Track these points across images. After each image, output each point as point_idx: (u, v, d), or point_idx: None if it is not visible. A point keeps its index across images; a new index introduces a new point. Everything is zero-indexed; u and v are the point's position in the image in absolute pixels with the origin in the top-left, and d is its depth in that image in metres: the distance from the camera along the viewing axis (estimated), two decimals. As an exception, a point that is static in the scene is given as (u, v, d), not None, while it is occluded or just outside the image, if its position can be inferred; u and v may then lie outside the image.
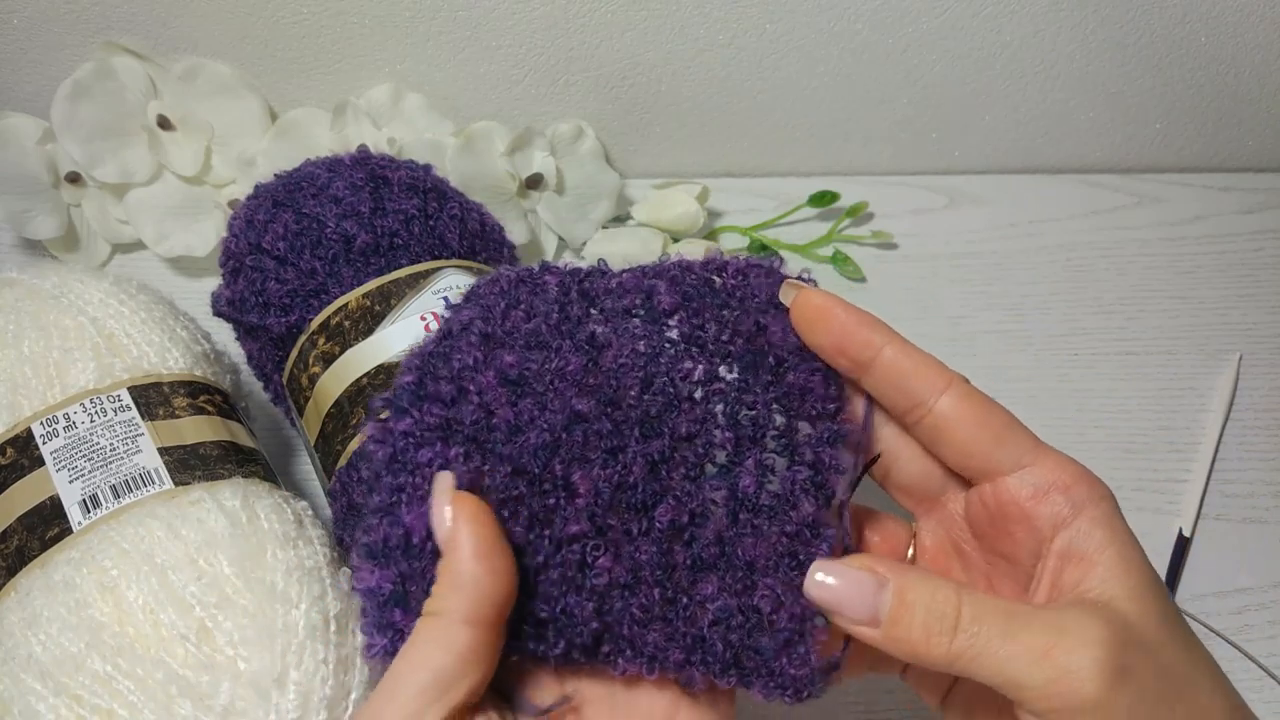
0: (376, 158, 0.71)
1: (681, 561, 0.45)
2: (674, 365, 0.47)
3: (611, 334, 0.48)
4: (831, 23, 0.89)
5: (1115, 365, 0.89)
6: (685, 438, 0.46)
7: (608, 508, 0.45)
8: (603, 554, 0.45)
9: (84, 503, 0.54)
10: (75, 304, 0.61)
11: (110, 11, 0.83)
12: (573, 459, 0.45)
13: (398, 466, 0.45)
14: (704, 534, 0.45)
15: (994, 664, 0.41)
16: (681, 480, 0.46)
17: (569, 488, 0.45)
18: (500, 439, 0.45)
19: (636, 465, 0.45)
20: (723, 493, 0.45)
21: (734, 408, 0.46)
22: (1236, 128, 0.99)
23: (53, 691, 0.48)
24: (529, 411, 0.46)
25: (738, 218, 0.96)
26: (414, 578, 0.43)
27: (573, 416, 0.45)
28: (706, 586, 0.45)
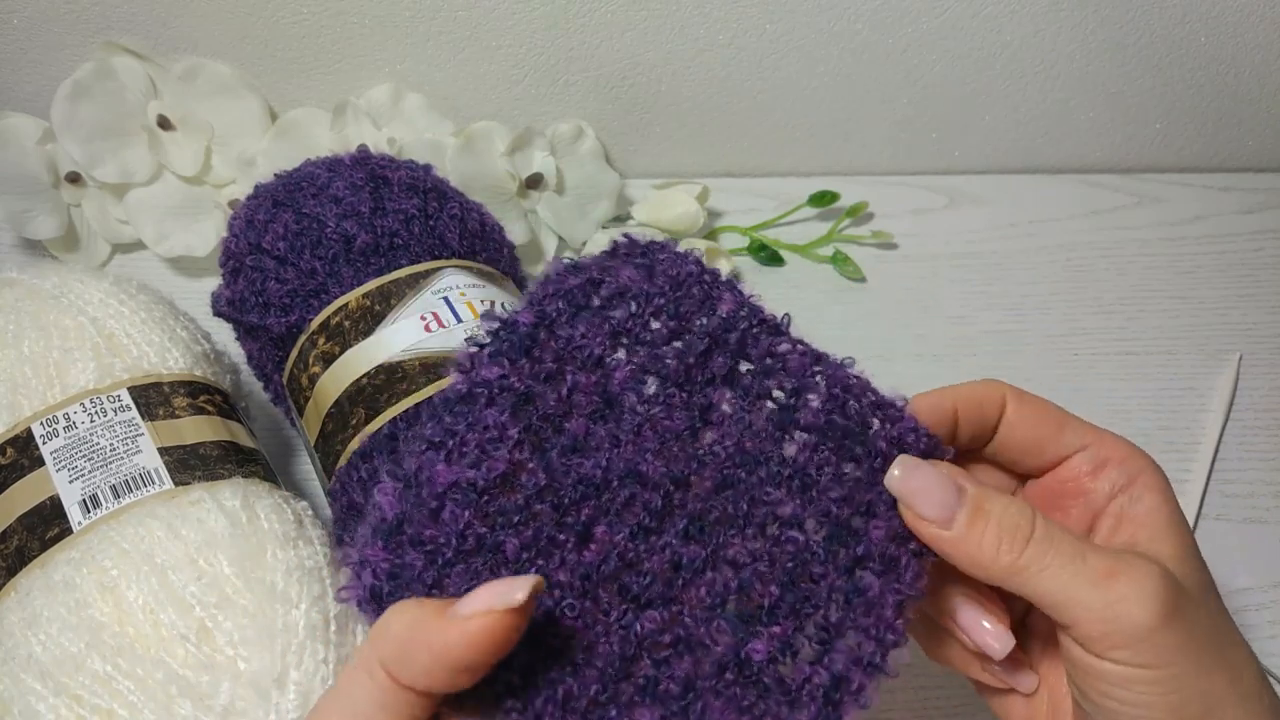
0: (376, 158, 0.71)
1: (637, 679, 0.41)
2: (766, 486, 0.43)
3: (730, 415, 0.44)
4: (831, 23, 0.89)
5: (1115, 365, 0.89)
6: (728, 562, 0.42)
7: (605, 579, 0.41)
8: (572, 616, 0.41)
9: (84, 503, 0.54)
10: (75, 304, 0.61)
11: (110, 11, 0.84)
12: (607, 512, 0.42)
13: (461, 410, 0.43)
14: (678, 667, 0.41)
15: (1057, 581, 0.41)
16: (694, 601, 0.42)
17: (585, 537, 0.42)
18: (557, 447, 0.43)
19: (659, 558, 0.42)
20: (726, 641, 0.41)
21: (797, 570, 0.42)
22: (1236, 128, 1.00)
23: (53, 691, 0.48)
24: (600, 439, 0.43)
25: (738, 218, 0.96)
26: (409, 538, 0.41)
27: (633, 472, 0.43)
28: (641, 716, 0.40)
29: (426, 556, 0.41)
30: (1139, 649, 0.40)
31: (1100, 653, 0.41)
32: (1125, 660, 0.41)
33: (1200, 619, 0.42)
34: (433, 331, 0.62)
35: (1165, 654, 0.40)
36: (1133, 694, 0.41)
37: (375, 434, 0.60)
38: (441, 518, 0.41)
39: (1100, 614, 0.41)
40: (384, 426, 0.60)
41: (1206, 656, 0.41)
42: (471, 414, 0.43)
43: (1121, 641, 0.40)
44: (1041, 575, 0.42)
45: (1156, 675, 0.40)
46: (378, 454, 0.59)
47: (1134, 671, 0.41)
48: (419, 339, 0.62)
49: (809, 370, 0.46)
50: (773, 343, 0.46)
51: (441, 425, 0.43)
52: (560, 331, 0.45)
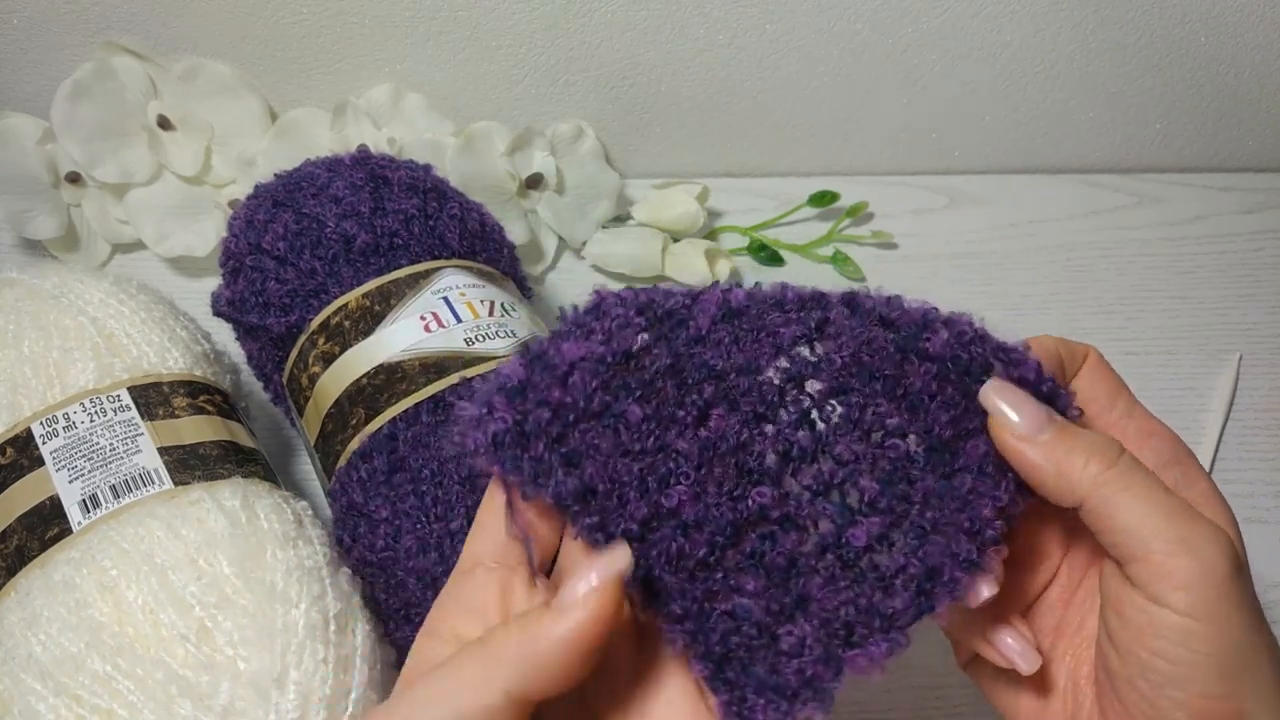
0: (376, 158, 0.71)
1: (744, 548, 0.43)
2: (879, 398, 0.45)
3: (847, 327, 0.47)
4: (831, 23, 0.89)
5: (1115, 365, 0.87)
6: (834, 456, 0.45)
7: (721, 454, 0.44)
8: (686, 484, 0.43)
9: (84, 503, 0.54)
10: (75, 304, 0.61)
11: (110, 11, 0.84)
12: (726, 397, 0.45)
13: (590, 312, 0.46)
14: (783, 541, 0.43)
15: (1137, 505, 0.41)
16: (804, 484, 0.44)
17: (703, 417, 0.44)
18: (682, 338, 0.45)
19: (771, 443, 0.44)
20: (827, 525, 0.44)
21: (896, 473, 0.45)
22: (1236, 128, 1.00)
23: (53, 691, 0.48)
24: (721, 337, 0.46)
25: (738, 218, 0.96)
26: (534, 400, 0.43)
27: (753, 367, 0.45)
28: (746, 583, 0.43)
29: (553, 412, 0.43)
30: (1204, 595, 0.40)
31: (1161, 593, 0.40)
32: (1184, 606, 0.40)
33: (1252, 594, 0.42)
34: (432, 331, 0.62)
35: (1224, 611, 0.40)
36: (1185, 651, 0.40)
37: (375, 434, 0.60)
38: (570, 382, 0.44)
39: (1173, 547, 0.40)
40: (384, 426, 0.60)
41: (1254, 629, 0.41)
42: (598, 312, 0.46)
43: (1187, 581, 0.40)
44: (1124, 495, 0.42)
45: (1212, 633, 0.40)
46: (378, 454, 0.59)
47: (1191, 625, 0.40)
48: (419, 339, 0.62)
49: (932, 314, 0.48)
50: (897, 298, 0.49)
51: (568, 322, 0.46)
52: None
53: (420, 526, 0.56)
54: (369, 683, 0.52)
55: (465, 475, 0.56)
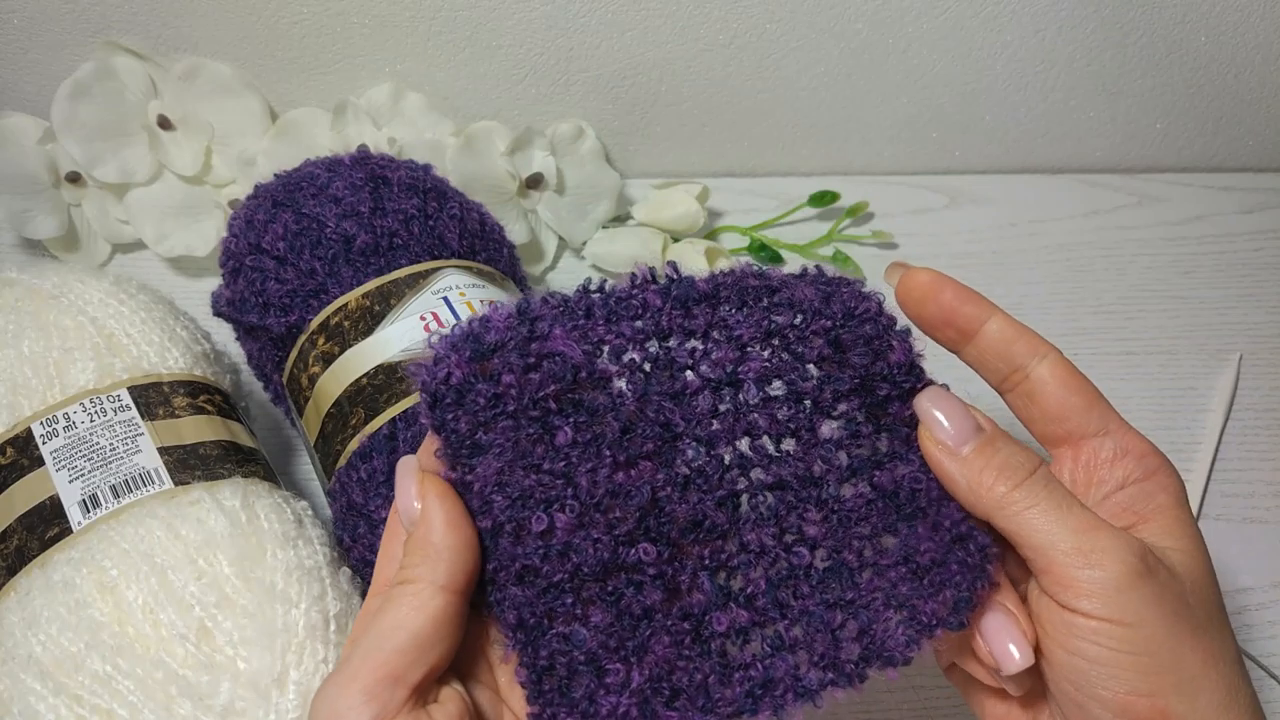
0: (376, 158, 0.71)
1: (606, 586, 0.43)
2: (809, 507, 0.45)
3: (823, 440, 0.46)
4: (832, 22, 0.89)
5: (1115, 365, 0.89)
6: (739, 542, 0.45)
7: (628, 503, 0.43)
8: (568, 515, 0.42)
9: (84, 502, 0.54)
10: (75, 304, 0.61)
11: (110, 11, 0.84)
12: (662, 456, 0.44)
13: (609, 305, 0.45)
14: (648, 594, 0.43)
15: (1039, 522, 0.43)
16: (693, 555, 0.44)
17: (630, 464, 0.43)
18: (661, 387, 0.45)
19: (684, 509, 0.44)
20: (700, 596, 0.44)
21: (787, 581, 0.45)
22: (1236, 128, 1.00)
23: (52, 691, 0.48)
24: (701, 405, 0.45)
25: (738, 218, 0.96)
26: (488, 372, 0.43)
27: (711, 445, 0.45)
28: (593, 615, 0.42)
29: (491, 397, 0.43)
30: (1107, 600, 0.42)
31: (1069, 601, 0.42)
32: (1093, 611, 0.42)
33: (1178, 595, 0.43)
34: (432, 331, 0.62)
35: (1133, 611, 0.42)
36: (1101, 649, 0.42)
37: (375, 434, 0.60)
38: (529, 375, 0.43)
39: (1073, 559, 0.42)
40: (384, 426, 0.60)
41: (1182, 630, 0.42)
42: (614, 315, 0.45)
43: (1090, 590, 0.42)
44: (1027, 513, 0.44)
45: (1124, 632, 0.42)
46: (377, 454, 0.59)
47: (1102, 625, 0.42)
48: (418, 339, 0.62)
49: (916, 445, 0.47)
50: (910, 409, 0.48)
51: (586, 301, 0.45)
52: (723, 310, 0.46)
53: (420, 526, 0.56)
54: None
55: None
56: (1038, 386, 0.49)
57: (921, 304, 0.50)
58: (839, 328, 0.47)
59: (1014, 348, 0.49)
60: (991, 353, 0.49)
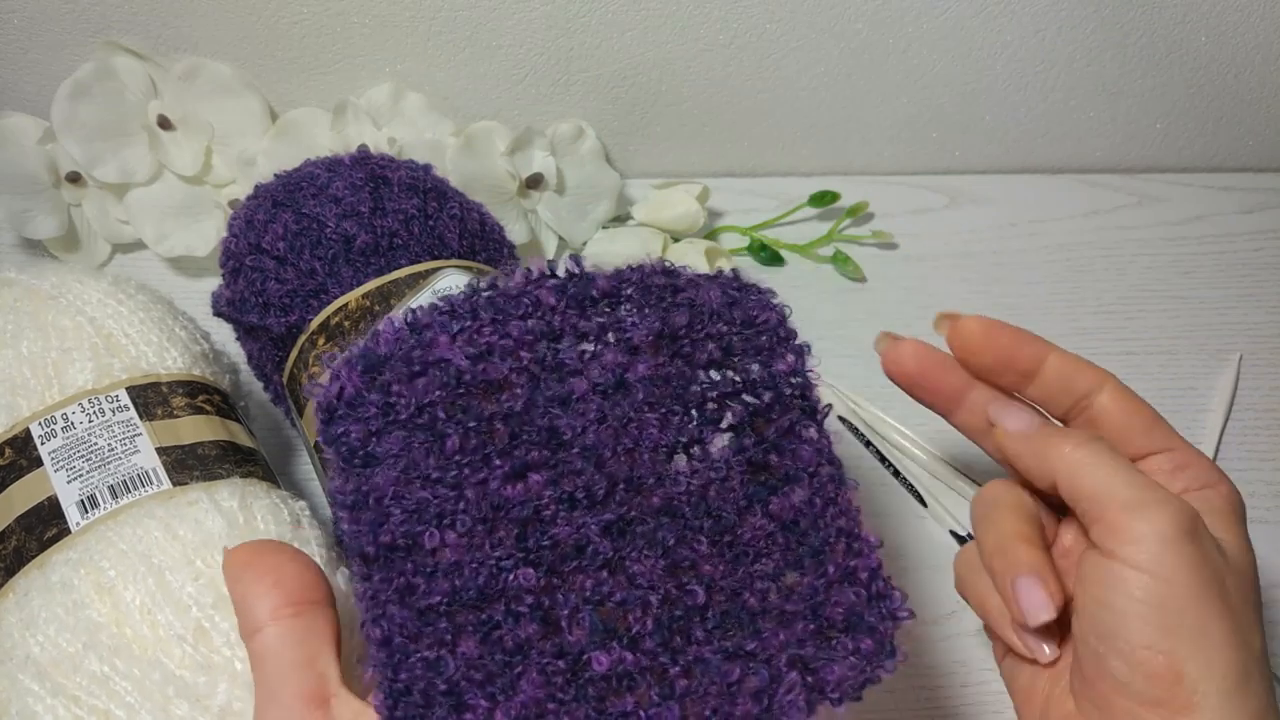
0: (376, 158, 0.71)
1: (482, 614, 0.41)
2: (701, 536, 0.44)
3: (714, 459, 0.45)
4: (832, 22, 0.89)
5: (1115, 365, 0.87)
6: (626, 574, 0.43)
7: (511, 519, 0.42)
8: (458, 531, 0.41)
9: (82, 503, 0.54)
10: (74, 304, 0.61)
11: (110, 11, 0.84)
12: (552, 468, 0.43)
13: (497, 304, 0.44)
14: (524, 626, 0.41)
15: (1102, 474, 0.46)
16: (575, 585, 0.42)
17: (519, 475, 0.42)
18: (550, 392, 0.43)
19: (569, 531, 0.42)
20: (580, 634, 0.42)
21: (678, 622, 0.43)
22: (1236, 128, 1.00)
23: (50, 692, 0.48)
24: (589, 409, 0.44)
25: (738, 218, 0.96)
26: (379, 383, 0.43)
27: (597, 453, 0.43)
28: (464, 645, 0.41)
29: (383, 406, 0.42)
30: (1151, 551, 0.44)
31: (1115, 548, 0.45)
32: (1135, 560, 0.44)
33: (1217, 570, 0.45)
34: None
35: (1171, 567, 0.44)
36: (1132, 601, 0.44)
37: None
38: (415, 383, 0.42)
39: (1127, 508, 0.45)
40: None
41: (1212, 602, 0.44)
42: (502, 315, 0.44)
43: (1137, 537, 0.44)
44: (1089, 466, 0.47)
45: (1158, 586, 0.44)
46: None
47: (1139, 576, 0.44)
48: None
49: (811, 466, 0.46)
50: (801, 424, 0.47)
51: (470, 303, 0.44)
52: (622, 310, 0.45)
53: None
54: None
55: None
56: (1100, 414, 0.51)
57: (980, 351, 0.53)
58: (733, 334, 0.46)
59: (1076, 380, 0.51)
60: (1056, 388, 0.52)
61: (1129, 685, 0.44)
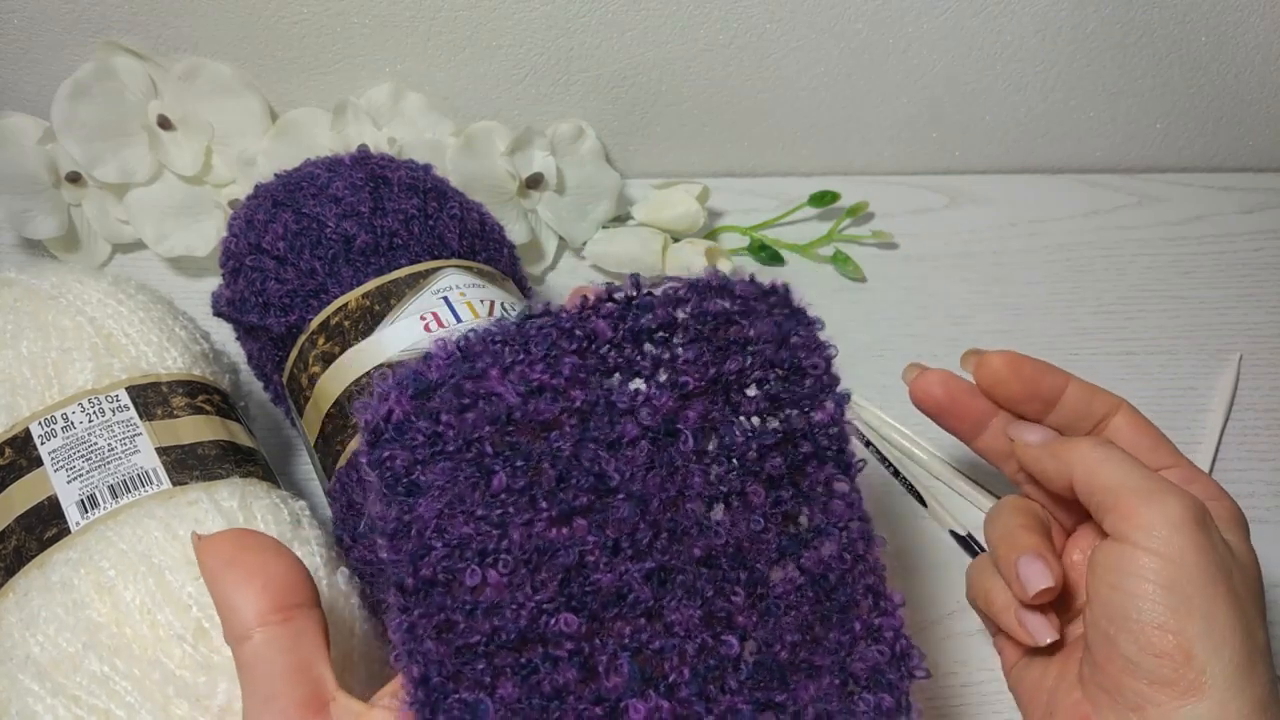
0: (376, 157, 0.71)
1: (522, 658, 0.41)
2: (737, 588, 0.44)
3: (752, 509, 0.45)
4: (832, 22, 0.89)
5: (1115, 365, 0.88)
6: (664, 622, 0.43)
7: (554, 564, 0.41)
8: (500, 571, 0.41)
9: (82, 503, 0.54)
10: (74, 304, 0.61)
11: (110, 11, 0.84)
12: (598, 513, 0.42)
13: (550, 338, 0.44)
14: (563, 671, 0.41)
15: (1115, 468, 0.50)
16: (615, 632, 0.42)
17: (564, 519, 0.42)
18: (599, 435, 0.43)
19: (612, 578, 0.42)
20: (617, 680, 0.41)
21: (714, 672, 0.43)
22: (1236, 128, 1.00)
23: (50, 692, 0.48)
24: (637, 455, 0.44)
25: (738, 217, 0.96)
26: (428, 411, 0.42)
27: (643, 501, 0.43)
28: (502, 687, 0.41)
29: (431, 435, 0.42)
30: (1162, 535, 0.47)
31: (1128, 533, 0.48)
32: (1147, 543, 0.47)
33: (1224, 558, 0.48)
34: (432, 331, 0.62)
35: (1180, 550, 0.46)
36: (1144, 582, 0.46)
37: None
38: (465, 416, 0.42)
39: (1140, 496, 0.48)
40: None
41: (1219, 585, 0.46)
42: (555, 350, 0.43)
43: (1149, 522, 0.47)
44: (1105, 462, 0.50)
45: (1168, 568, 0.46)
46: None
47: (1151, 559, 0.46)
48: (418, 339, 0.62)
49: (843, 520, 0.46)
50: (834, 477, 0.47)
51: (524, 334, 0.43)
52: (674, 344, 0.45)
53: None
54: (367, 681, 0.52)
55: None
56: (1114, 434, 0.55)
57: (1006, 383, 0.56)
58: (781, 381, 0.46)
59: (1093, 406, 0.56)
60: (1075, 413, 0.56)
61: (1139, 665, 0.46)
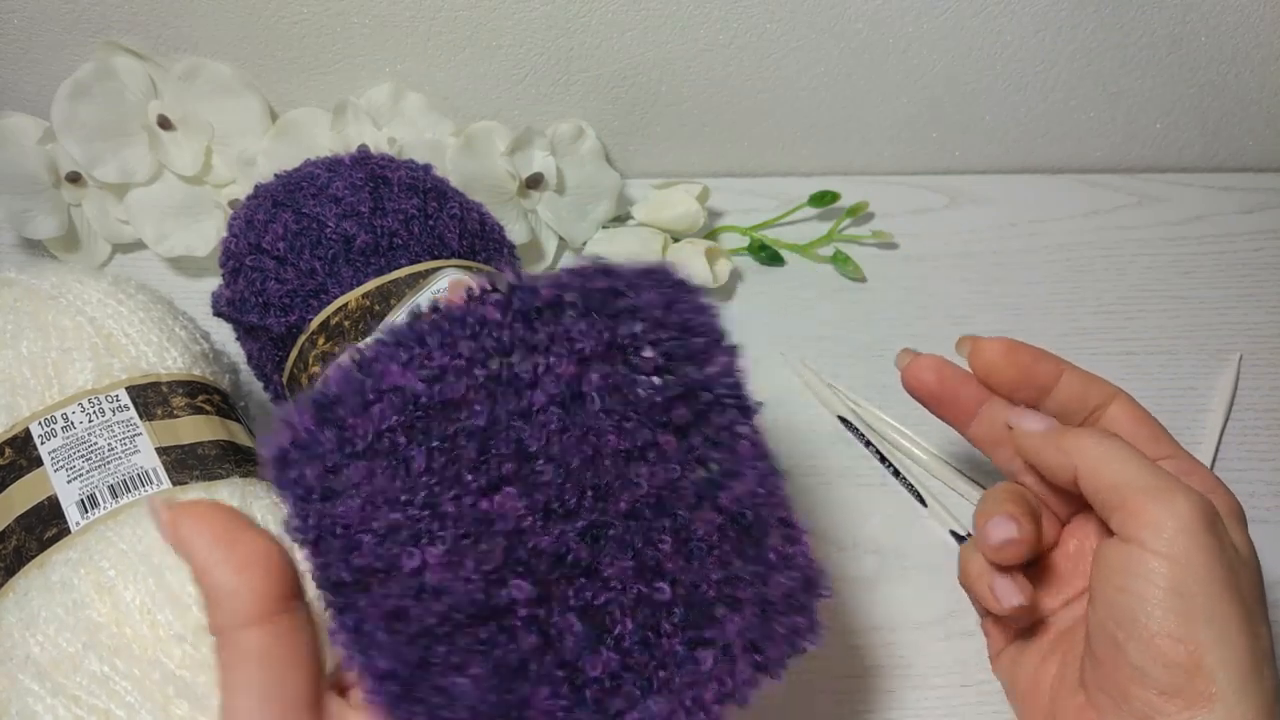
0: (376, 157, 0.71)
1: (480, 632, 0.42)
2: (664, 535, 0.46)
3: (668, 458, 0.46)
4: (832, 22, 0.89)
5: (1115, 365, 0.88)
6: (602, 578, 0.44)
7: (494, 533, 0.42)
8: (439, 549, 0.42)
9: (82, 503, 0.54)
10: (74, 304, 0.61)
11: (110, 11, 0.84)
12: (524, 480, 0.43)
13: (442, 328, 0.44)
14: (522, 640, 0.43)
15: (1119, 466, 0.48)
16: (565, 594, 0.44)
17: (492, 489, 0.43)
18: (510, 406, 0.44)
19: (548, 541, 0.43)
20: (572, 642, 0.43)
21: (651, 619, 0.45)
22: (1236, 128, 0.99)
23: (50, 692, 0.48)
24: (549, 421, 0.44)
25: (738, 217, 0.96)
26: (332, 419, 0.42)
27: (564, 463, 0.44)
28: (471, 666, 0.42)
29: (340, 439, 0.42)
30: (1170, 537, 0.45)
31: (1135, 532, 0.46)
32: (1155, 545, 0.45)
33: (1232, 561, 0.47)
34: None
35: (1187, 553, 0.45)
36: (1153, 586, 0.45)
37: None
38: (370, 411, 0.42)
39: (1149, 495, 0.46)
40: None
41: (1227, 590, 0.45)
42: (450, 337, 0.44)
43: (1157, 522, 0.46)
44: (1109, 457, 0.49)
45: (1177, 571, 0.45)
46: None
47: (1159, 562, 0.45)
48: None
49: (750, 460, 0.47)
50: (736, 421, 0.48)
51: (415, 330, 0.44)
52: (565, 319, 0.45)
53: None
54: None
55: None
56: (1111, 423, 0.54)
57: (1001, 369, 0.55)
58: (672, 340, 0.47)
59: (1089, 393, 0.54)
60: (1072, 401, 0.55)
61: (1147, 674, 0.45)
